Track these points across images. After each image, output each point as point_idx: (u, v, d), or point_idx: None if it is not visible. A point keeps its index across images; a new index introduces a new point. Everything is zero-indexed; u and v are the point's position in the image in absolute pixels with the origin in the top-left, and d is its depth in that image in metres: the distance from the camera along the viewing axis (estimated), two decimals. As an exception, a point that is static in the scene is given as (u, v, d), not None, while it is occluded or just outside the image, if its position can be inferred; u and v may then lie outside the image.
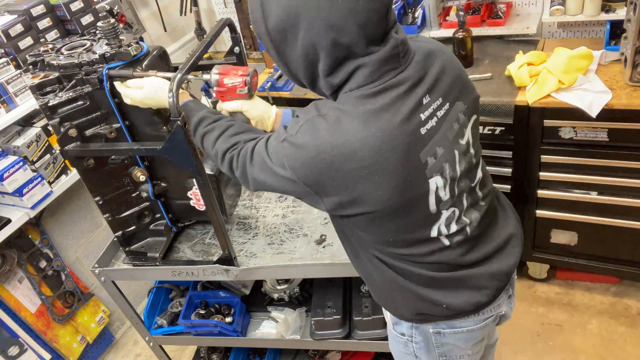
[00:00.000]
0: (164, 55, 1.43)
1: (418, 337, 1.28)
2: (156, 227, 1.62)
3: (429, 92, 1.02)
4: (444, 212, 1.09)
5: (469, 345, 1.28)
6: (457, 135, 1.07)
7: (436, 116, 1.03)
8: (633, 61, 1.84)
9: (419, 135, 1.00)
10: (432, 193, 1.04)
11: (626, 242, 2.16)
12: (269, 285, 1.80)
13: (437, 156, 1.03)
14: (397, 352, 1.38)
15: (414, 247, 1.11)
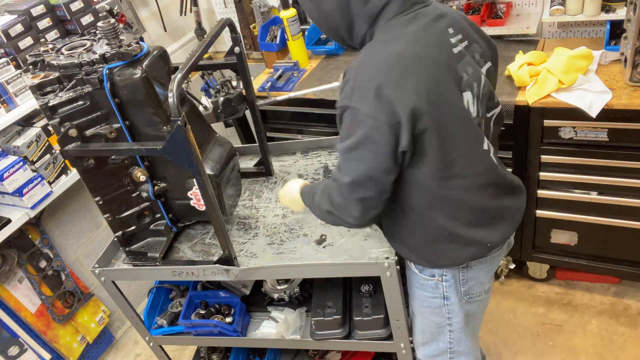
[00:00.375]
0: (164, 55, 1.43)
1: (448, 275, 1.37)
2: (156, 227, 1.62)
3: (451, 26, 1.19)
4: (480, 127, 1.24)
5: (488, 276, 1.42)
6: (479, 65, 1.24)
7: (460, 45, 1.19)
8: (633, 61, 1.84)
9: (453, 53, 1.16)
10: (466, 106, 1.18)
11: (626, 242, 2.16)
12: (269, 285, 1.80)
13: (468, 73, 1.18)
14: (423, 299, 1.45)
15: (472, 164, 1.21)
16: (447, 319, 1.45)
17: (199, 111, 1.61)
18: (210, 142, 1.59)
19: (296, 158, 1.96)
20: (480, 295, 1.44)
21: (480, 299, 1.46)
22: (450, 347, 1.50)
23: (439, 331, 1.49)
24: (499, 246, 1.35)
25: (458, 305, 1.42)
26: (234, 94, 1.78)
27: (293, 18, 2.48)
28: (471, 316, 1.48)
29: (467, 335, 1.49)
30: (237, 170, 1.70)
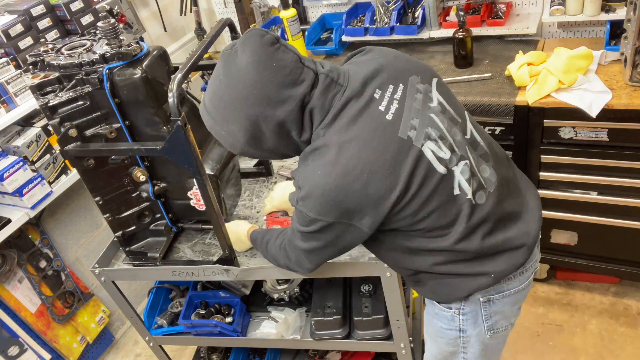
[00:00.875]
0: (164, 55, 1.43)
1: (467, 308, 1.31)
2: (156, 227, 1.62)
3: (377, 87, 1.14)
4: (455, 169, 1.16)
5: (515, 309, 1.35)
6: (425, 101, 1.18)
7: (395, 100, 1.14)
8: (633, 61, 1.84)
9: (387, 122, 1.11)
10: (433, 157, 1.13)
11: (626, 242, 2.16)
12: (269, 285, 1.80)
13: (416, 127, 1.13)
14: (437, 329, 1.40)
15: (446, 212, 1.16)
16: (462, 348, 1.40)
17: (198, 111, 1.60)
18: (210, 142, 1.59)
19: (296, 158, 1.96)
20: (506, 329, 1.38)
21: (506, 333, 1.40)
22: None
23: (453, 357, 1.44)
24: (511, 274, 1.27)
25: (476, 339, 1.36)
26: (234, 94, 1.79)
27: (293, 18, 2.48)
28: (491, 349, 1.42)
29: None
30: (237, 170, 1.70)
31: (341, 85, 1.13)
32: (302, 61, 1.11)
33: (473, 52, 2.26)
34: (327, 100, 1.11)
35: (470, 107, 2.05)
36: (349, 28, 2.53)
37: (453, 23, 2.35)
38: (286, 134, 1.14)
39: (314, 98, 1.11)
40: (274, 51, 1.07)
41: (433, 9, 2.38)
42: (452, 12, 2.44)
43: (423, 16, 2.42)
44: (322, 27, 2.74)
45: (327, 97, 1.11)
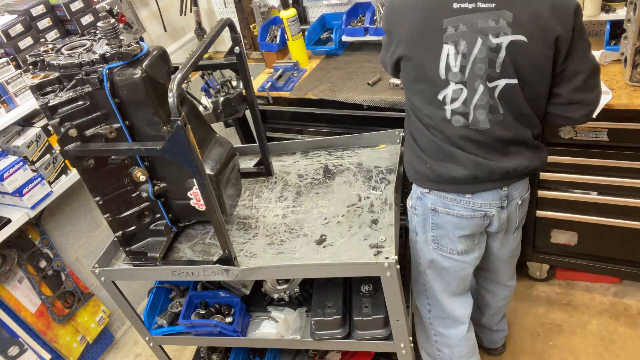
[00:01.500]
0: (164, 55, 1.43)
1: (419, 210, 1.59)
2: (156, 227, 1.62)
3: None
4: (451, 83, 1.34)
5: (457, 234, 1.55)
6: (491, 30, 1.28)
7: (476, 4, 1.27)
8: (633, 61, 1.84)
9: (450, 6, 1.29)
10: (443, 58, 1.32)
11: (626, 242, 2.16)
12: (269, 285, 1.80)
13: (457, 29, 1.28)
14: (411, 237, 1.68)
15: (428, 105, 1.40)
16: (418, 257, 1.66)
17: (199, 111, 1.61)
18: (210, 142, 1.59)
19: (296, 158, 1.96)
20: (451, 253, 1.59)
21: (453, 259, 1.60)
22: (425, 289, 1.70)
23: (417, 270, 1.70)
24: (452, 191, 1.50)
25: (424, 246, 1.62)
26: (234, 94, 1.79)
27: (293, 18, 2.48)
28: (442, 270, 1.63)
29: (439, 288, 1.67)
30: (237, 170, 1.70)
31: None
32: None
33: (473, 52, 2.26)
34: None
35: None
36: (349, 28, 2.53)
37: (453, 23, 2.34)
38: None
39: None
40: None
41: (433, 9, 2.37)
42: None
43: (423, 16, 2.41)
44: (322, 27, 2.74)
45: None
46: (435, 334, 1.79)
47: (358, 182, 1.77)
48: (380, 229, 1.55)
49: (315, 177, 1.84)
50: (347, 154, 1.92)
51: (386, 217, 1.59)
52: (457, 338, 1.76)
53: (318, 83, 2.39)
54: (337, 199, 1.72)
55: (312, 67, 2.57)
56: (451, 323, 1.73)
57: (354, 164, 1.86)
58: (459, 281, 1.69)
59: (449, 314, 1.72)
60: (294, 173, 1.89)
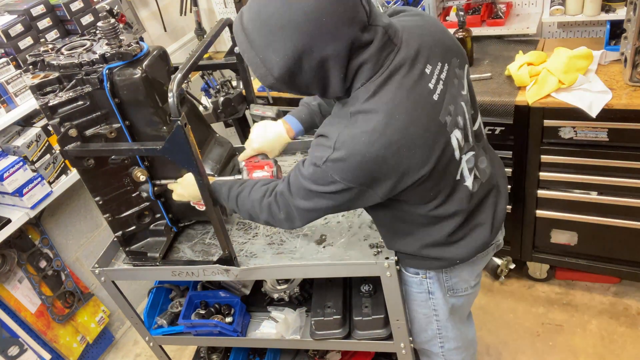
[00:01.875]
0: (164, 55, 1.43)
1: (431, 272, 1.44)
2: (156, 227, 1.62)
3: (428, 61, 1.12)
4: (463, 157, 1.23)
5: (473, 276, 1.48)
6: (459, 88, 1.21)
7: (441, 80, 1.14)
8: (633, 61, 1.84)
9: (433, 102, 1.12)
10: (456, 145, 1.19)
11: (626, 242, 2.16)
12: (269, 285, 1.80)
13: (451, 113, 1.16)
14: (411, 294, 1.53)
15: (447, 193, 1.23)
16: (434, 310, 1.53)
17: (199, 111, 1.61)
18: (210, 142, 1.59)
19: (296, 158, 1.96)
20: (466, 290, 1.51)
21: (467, 294, 1.53)
22: (439, 333, 1.59)
23: (427, 321, 1.57)
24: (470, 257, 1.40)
25: (443, 300, 1.50)
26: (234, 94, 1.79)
27: (293, 18, 2.47)
28: (457, 308, 1.56)
29: (454, 323, 1.58)
30: (237, 171, 1.70)
31: (395, 45, 1.09)
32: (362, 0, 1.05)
33: (473, 52, 2.27)
34: (382, 58, 1.07)
35: (470, 107, 2.05)
36: (349, 28, 2.53)
37: (453, 23, 2.35)
38: (325, 75, 1.07)
39: (370, 50, 1.05)
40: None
41: (433, 9, 2.38)
42: (452, 12, 2.45)
43: (423, 16, 2.41)
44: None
45: (382, 54, 1.07)
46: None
47: (358, 182, 1.77)
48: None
49: (315, 177, 1.84)
50: (347, 154, 1.92)
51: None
52: (469, 356, 1.72)
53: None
54: (337, 199, 1.71)
55: (312, 67, 2.56)
56: (464, 348, 1.68)
57: (354, 164, 1.86)
58: (469, 306, 1.66)
59: (464, 342, 1.66)
60: (294, 173, 1.88)
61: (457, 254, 1.35)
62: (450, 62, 1.18)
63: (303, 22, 0.99)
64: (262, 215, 1.29)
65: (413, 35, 1.13)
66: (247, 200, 1.31)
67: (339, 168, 1.09)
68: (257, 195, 1.30)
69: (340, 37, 1.01)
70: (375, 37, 1.05)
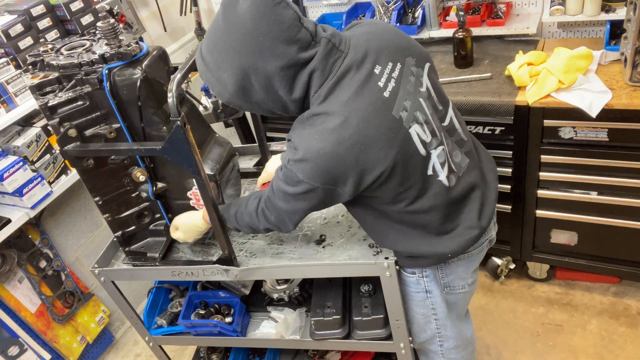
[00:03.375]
0: (164, 55, 1.43)
1: (428, 271, 1.47)
2: (156, 227, 1.62)
3: (377, 62, 1.18)
4: (432, 151, 1.25)
5: (469, 272, 1.51)
6: (416, 85, 1.24)
7: (393, 78, 1.19)
8: (633, 61, 1.84)
9: (384, 99, 1.17)
10: (417, 139, 1.22)
11: (626, 242, 2.16)
12: (269, 285, 1.80)
13: (407, 109, 1.20)
14: (409, 294, 1.55)
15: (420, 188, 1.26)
16: (432, 309, 1.55)
17: (199, 111, 1.61)
18: (210, 142, 1.59)
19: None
20: (463, 288, 1.54)
21: (464, 292, 1.55)
22: (438, 332, 1.61)
23: (426, 321, 1.59)
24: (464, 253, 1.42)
25: (440, 298, 1.52)
26: (234, 94, 1.78)
27: (293, 18, 2.47)
28: (454, 305, 1.58)
29: (453, 321, 1.60)
30: (237, 170, 1.70)
31: (342, 52, 1.16)
32: (302, 21, 1.13)
33: (473, 52, 2.26)
34: (328, 65, 1.15)
35: (470, 107, 2.05)
36: (349, 28, 2.53)
37: (453, 23, 2.34)
38: (274, 90, 1.16)
39: (315, 61, 1.13)
40: (275, 5, 1.09)
41: (433, 9, 2.38)
42: (452, 12, 2.44)
43: (423, 16, 2.41)
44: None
45: (328, 61, 1.15)
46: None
47: (358, 182, 1.77)
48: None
49: (315, 177, 1.84)
50: (347, 154, 1.92)
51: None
52: (468, 354, 1.74)
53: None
54: (337, 199, 1.71)
55: (312, 67, 2.56)
56: (463, 347, 1.69)
57: (353, 164, 1.86)
58: (466, 304, 1.68)
59: (462, 340, 1.67)
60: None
61: (447, 249, 1.37)
62: (403, 62, 1.23)
63: (243, 43, 1.10)
64: (260, 224, 1.36)
65: (360, 41, 1.20)
66: (244, 214, 1.38)
67: (300, 168, 1.16)
68: (252, 206, 1.36)
69: (280, 55, 1.11)
70: (318, 48, 1.13)
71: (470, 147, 1.40)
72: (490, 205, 1.42)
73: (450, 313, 1.58)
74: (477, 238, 1.39)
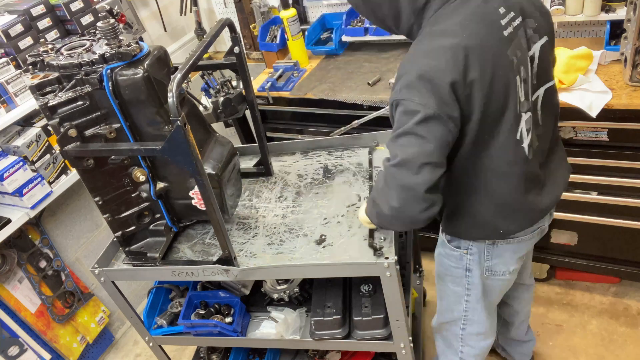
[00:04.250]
0: (164, 55, 1.43)
1: (474, 249, 1.46)
2: (156, 227, 1.62)
3: (504, 4, 1.18)
4: (523, 115, 1.22)
5: (515, 258, 1.48)
6: (526, 46, 1.22)
7: (511, 25, 1.18)
8: (633, 61, 1.84)
9: (503, 36, 1.16)
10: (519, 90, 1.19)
11: (626, 242, 2.16)
12: (269, 285, 1.80)
13: (517, 57, 1.18)
14: (447, 267, 1.54)
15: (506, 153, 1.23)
16: (466, 289, 1.54)
17: (199, 111, 1.61)
18: (210, 142, 1.59)
19: (296, 158, 1.96)
20: (504, 275, 1.51)
21: (504, 279, 1.53)
22: (465, 314, 1.61)
23: (457, 301, 1.58)
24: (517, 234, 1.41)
25: (479, 279, 1.51)
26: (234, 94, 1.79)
27: (293, 18, 2.48)
28: (490, 291, 1.56)
29: (483, 307, 1.59)
30: (238, 170, 1.70)
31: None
32: None
33: (473, 52, 2.26)
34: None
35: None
36: (349, 28, 2.53)
37: (453, 23, 2.34)
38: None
39: None
40: None
41: (433, 9, 2.37)
42: (452, 12, 2.44)
43: (423, 16, 2.41)
44: (322, 27, 2.74)
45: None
46: (463, 345, 1.72)
47: (358, 182, 1.77)
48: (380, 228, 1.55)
49: (315, 177, 1.84)
50: (346, 154, 1.92)
51: (386, 217, 1.59)
52: (485, 347, 1.73)
53: (318, 83, 2.39)
54: (337, 199, 1.71)
55: (312, 67, 2.57)
56: (483, 337, 1.69)
57: (353, 164, 1.86)
58: (502, 295, 1.65)
59: (485, 329, 1.66)
60: (293, 173, 1.89)
61: (503, 225, 1.36)
62: (525, 20, 1.22)
63: None
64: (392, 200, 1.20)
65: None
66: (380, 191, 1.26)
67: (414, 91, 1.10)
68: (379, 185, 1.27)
69: None
70: None
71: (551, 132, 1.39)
72: (554, 193, 1.42)
73: (485, 298, 1.56)
74: (533, 221, 1.39)
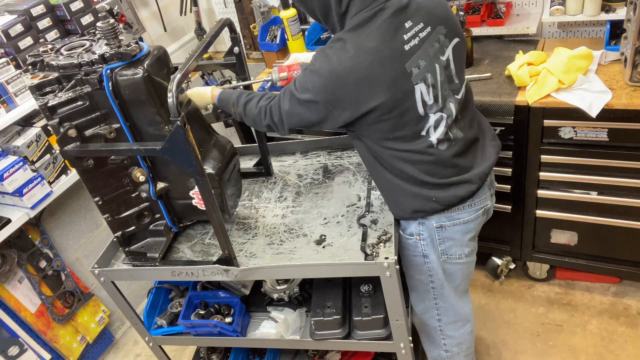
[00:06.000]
0: (164, 55, 1.43)
1: (425, 234, 1.54)
2: (156, 228, 1.62)
3: (410, 18, 1.32)
4: (431, 115, 1.38)
5: (465, 239, 1.57)
6: (438, 52, 1.37)
7: (418, 37, 1.33)
8: (633, 61, 1.84)
9: (403, 50, 1.30)
10: (419, 97, 1.34)
11: (626, 242, 2.16)
12: (269, 285, 1.80)
13: (420, 67, 1.33)
14: (407, 257, 1.63)
15: (413, 143, 1.39)
16: (429, 276, 1.62)
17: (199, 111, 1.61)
18: (210, 142, 1.59)
19: (296, 158, 1.96)
20: (460, 258, 1.60)
21: (461, 262, 1.61)
22: (435, 303, 1.69)
23: (424, 289, 1.66)
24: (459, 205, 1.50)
25: (437, 263, 1.59)
26: (234, 94, 1.78)
27: (293, 18, 2.48)
28: (451, 275, 1.63)
29: (450, 292, 1.66)
30: (238, 170, 1.70)
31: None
32: None
33: (473, 52, 2.26)
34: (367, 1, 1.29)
35: (470, 107, 2.05)
36: (348, 28, 2.53)
37: (453, 23, 2.34)
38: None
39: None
40: None
41: (433, 9, 2.37)
42: (452, 12, 2.44)
43: (423, 16, 2.41)
44: (322, 27, 2.74)
45: None
46: (444, 338, 1.78)
47: (357, 182, 1.77)
48: (380, 228, 1.55)
49: (315, 177, 1.84)
50: (346, 154, 1.92)
51: (385, 217, 1.59)
52: (466, 334, 1.78)
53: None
54: (337, 199, 1.72)
55: (312, 67, 2.56)
56: (461, 324, 1.74)
57: (353, 164, 1.86)
58: (466, 280, 1.71)
59: (459, 316, 1.72)
60: (293, 173, 1.89)
61: (439, 196, 1.46)
62: (434, 28, 1.35)
63: None
64: (264, 120, 1.46)
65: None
66: (255, 107, 1.48)
67: (311, 78, 1.31)
68: (263, 103, 1.46)
69: None
70: None
71: (474, 121, 1.51)
72: (483, 168, 1.49)
73: (449, 284, 1.63)
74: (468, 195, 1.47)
